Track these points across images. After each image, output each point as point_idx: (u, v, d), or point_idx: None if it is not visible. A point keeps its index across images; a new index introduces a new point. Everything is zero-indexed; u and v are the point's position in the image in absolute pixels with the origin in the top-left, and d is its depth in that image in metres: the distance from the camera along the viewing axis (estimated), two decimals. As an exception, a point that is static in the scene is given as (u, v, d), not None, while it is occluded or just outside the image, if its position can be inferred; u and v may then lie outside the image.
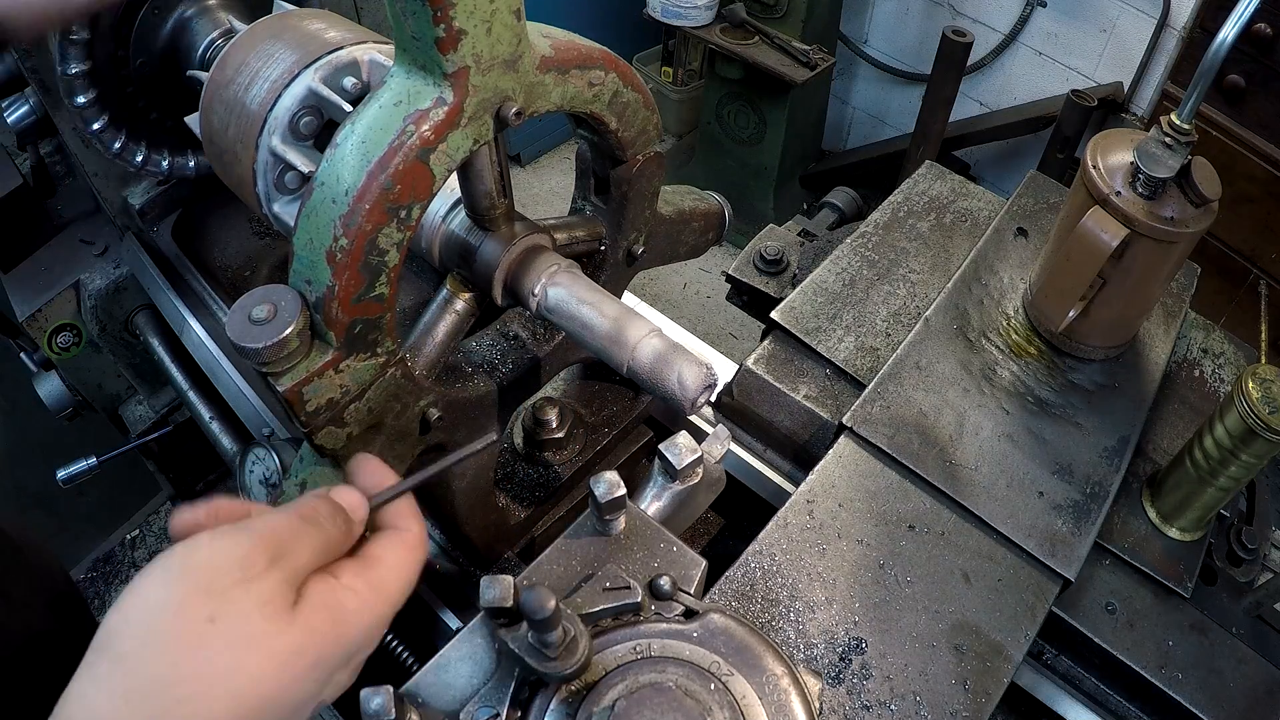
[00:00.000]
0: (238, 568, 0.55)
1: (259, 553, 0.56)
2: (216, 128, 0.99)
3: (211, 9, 1.21)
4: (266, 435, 1.38)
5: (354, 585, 0.60)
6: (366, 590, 0.61)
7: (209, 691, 0.51)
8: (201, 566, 0.55)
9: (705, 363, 0.79)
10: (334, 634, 0.58)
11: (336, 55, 0.94)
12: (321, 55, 0.94)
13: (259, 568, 0.55)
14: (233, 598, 0.54)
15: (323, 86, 0.92)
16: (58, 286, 1.66)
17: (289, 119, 0.92)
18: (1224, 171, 1.01)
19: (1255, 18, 1.50)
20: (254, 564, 0.55)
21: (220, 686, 0.52)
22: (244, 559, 0.55)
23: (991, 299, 1.21)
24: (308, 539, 0.60)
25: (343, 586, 0.60)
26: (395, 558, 0.64)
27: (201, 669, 0.52)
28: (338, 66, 0.94)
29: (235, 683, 0.52)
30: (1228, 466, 0.94)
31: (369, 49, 0.95)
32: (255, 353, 0.70)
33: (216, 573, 0.55)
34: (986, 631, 0.87)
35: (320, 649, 0.57)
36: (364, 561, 0.63)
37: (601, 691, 0.63)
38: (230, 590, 0.54)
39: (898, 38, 4.08)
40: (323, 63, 0.94)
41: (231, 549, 0.56)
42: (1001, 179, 3.96)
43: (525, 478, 1.16)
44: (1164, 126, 0.97)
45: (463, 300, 0.90)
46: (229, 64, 0.98)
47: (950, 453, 1.02)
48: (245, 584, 0.54)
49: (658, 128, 0.96)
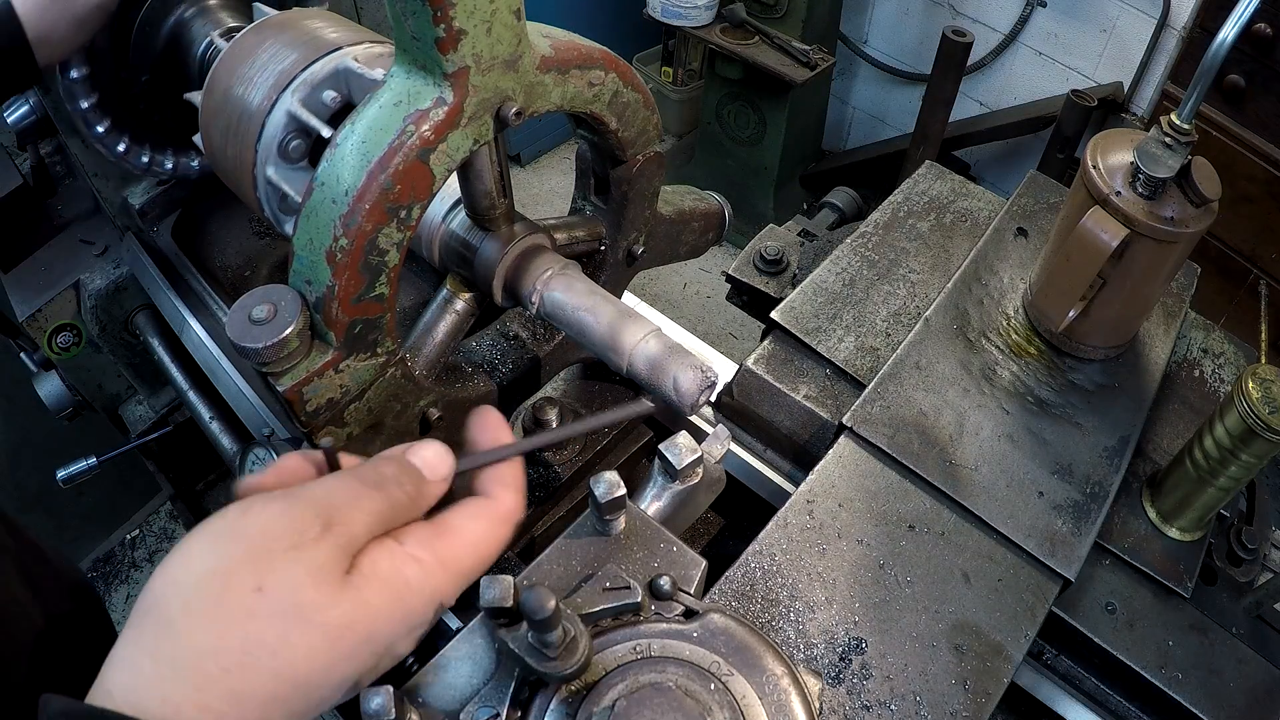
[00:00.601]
0: (289, 534, 0.52)
1: (312, 518, 0.53)
2: (217, 153, 0.99)
3: (210, 9, 1.21)
4: (266, 435, 1.38)
5: (419, 555, 0.57)
6: (432, 562, 0.57)
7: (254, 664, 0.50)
8: (252, 532, 0.53)
9: (704, 363, 0.79)
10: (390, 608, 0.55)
11: (312, 71, 0.92)
12: (298, 73, 0.92)
13: (312, 534, 0.53)
14: (282, 566, 0.51)
15: (301, 109, 0.90)
16: (58, 286, 1.65)
17: (277, 146, 0.91)
18: (1224, 171, 1.01)
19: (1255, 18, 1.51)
20: (306, 530, 0.53)
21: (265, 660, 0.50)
22: (296, 525, 0.53)
23: (991, 299, 1.21)
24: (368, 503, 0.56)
25: (406, 555, 0.56)
26: (473, 530, 0.60)
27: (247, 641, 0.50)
28: (316, 82, 0.92)
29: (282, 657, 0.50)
30: (1228, 466, 0.94)
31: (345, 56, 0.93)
32: (255, 353, 0.70)
33: (267, 539, 0.52)
34: (986, 631, 0.87)
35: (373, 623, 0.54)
36: (436, 529, 0.59)
37: (601, 691, 0.63)
38: (280, 558, 0.52)
39: (898, 38, 4.08)
40: (299, 82, 0.92)
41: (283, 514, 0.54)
42: (1001, 179, 3.96)
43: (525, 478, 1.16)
44: (1164, 126, 0.97)
45: (463, 300, 0.90)
46: (216, 89, 0.96)
47: (950, 453, 1.02)
48: (296, 551, 0.52)
49: (658, 128, 0.96)
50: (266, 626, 0.50)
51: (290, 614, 0.51)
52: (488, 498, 0.62)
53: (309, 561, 0.52)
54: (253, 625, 0.50)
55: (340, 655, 0.53)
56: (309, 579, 0.52)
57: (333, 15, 1.06)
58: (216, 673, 0.49)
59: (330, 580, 0.52)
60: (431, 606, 0.58)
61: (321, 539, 0.53)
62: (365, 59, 0.94)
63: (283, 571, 0.51)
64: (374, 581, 0.54)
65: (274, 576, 0.51)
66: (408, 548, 0.57)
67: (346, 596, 0.53)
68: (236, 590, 0.50)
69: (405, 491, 0.58)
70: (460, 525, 0.60)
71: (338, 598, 0.52)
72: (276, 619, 0.50)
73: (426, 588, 0.56)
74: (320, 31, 0.97)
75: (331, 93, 0.93)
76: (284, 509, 0.54)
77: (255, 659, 0.50)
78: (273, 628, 0.50)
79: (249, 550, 0.52)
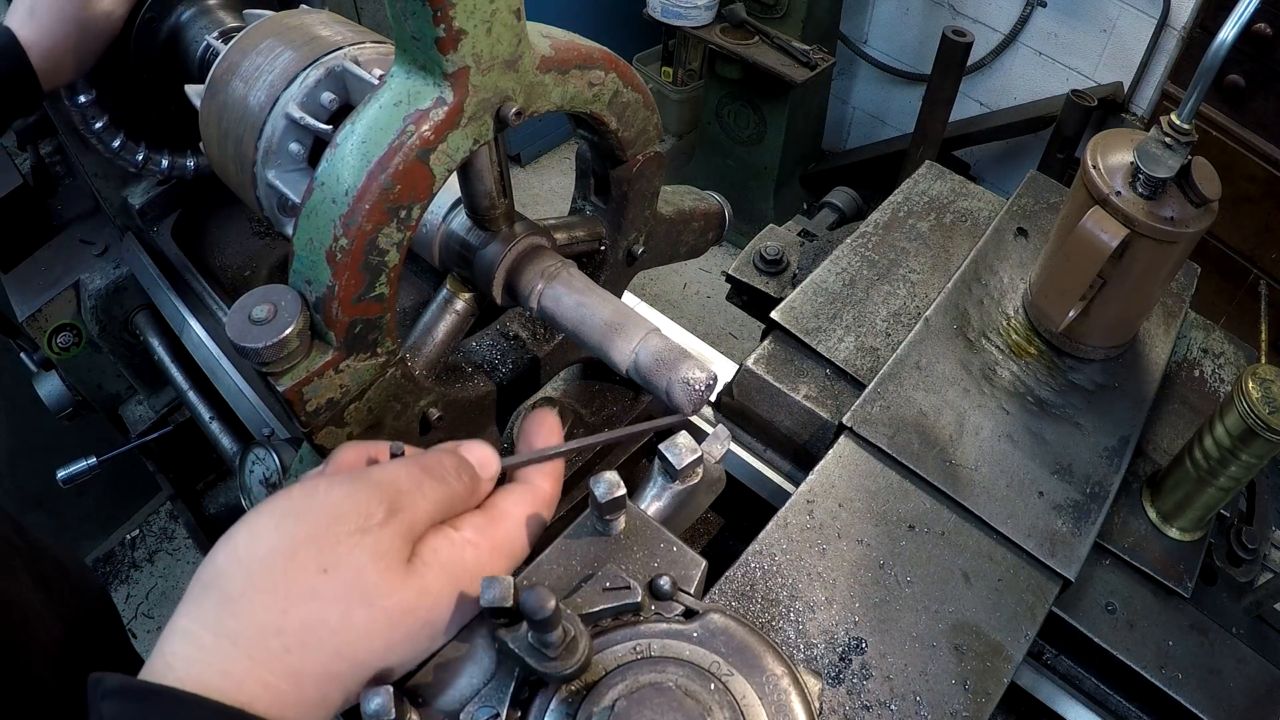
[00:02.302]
0: (355, 517, 0.53)
1: (377, 503, 0.54)
2: (218, 155, 0.99)
3: (210, 9, 1.21)
4: (266, 435, 1.38)
5: (476, 541, 0.58)
6: (487, 546, 0.58)
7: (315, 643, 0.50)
8: (318, 512, 0.53)
9: (703, 364, 0.79)
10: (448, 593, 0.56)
11: (309, 72, 0.93)
12: (296, 74, 0.92)
13: (376, 519, 0.54)
14: (347, 549, 0.52)
15: (299, 112, 0.91)
16: (58, 286, 1.66)
17: (277, 149, 0.92)
18: (1224, 171, 1.01)
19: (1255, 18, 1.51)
20: (372, 515, 0.54)
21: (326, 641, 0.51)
22: (362, 509, 0.54)
23: (991, 299, 1.21)
24: (430, 492, 0.57)
25: (464, 542, 0.58)
26: (520, 511, 0.61)
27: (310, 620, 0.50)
28: (312, 84, 0.92)
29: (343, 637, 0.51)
30: (1228, 466, 0.94)
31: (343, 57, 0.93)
32: (255, 353, 0.70)
33: (333, 521, 0.53)
34: (986, 631, 0.87)
35: (432, 609, 0.55)
36: (488, 516, 0.60)
37: (601, 691, 0.63)
38: (345, 541, 0.52)
39: (898, 38, 4.09)
40: (297, 84, 0.92)
41: (350, 497, 0.54)
42: (1001, 179, 3.96)
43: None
44: (1164, 126, 0.97)
45: (463, 300, 0.90)
46: (216, 89, 0.96)
47: (950, 453, 1.02)
48: (361, 535, 0.53)
49: (658, 128, 0.96)
50: (329, 607, 0.51)
51: (354, 596, 0.51)
52: (529, 484, 0.64)
53: (374, 546, 0.53)
54: (316, 605, 0.51)
55: (399, 639, 0.54)
56: (373, 563, 0.52)
57: (333, 15, 1.06)
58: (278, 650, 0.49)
59: (394, 566, 0.53)
60: None
61: (386, 524, 0.54)
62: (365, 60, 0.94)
63: (348, 554, 0.52)
64: (435, 568, 0.55)
65: (339, 558, 0.52)
66: (465, 534, 0.58)
67: (410, 583, 0.53)
68: (301, 570, 0.51)
69: (464, 484, 0.60)
70: (509, 510, 0.61)
71: (401, 584, 0.53)
72: (340, 601, 0.51)
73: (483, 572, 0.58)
74: (321, 31, 0.97)
75: (330, 94, 0.93)
76: (350, 492, 0.55)
77: (317, 638, 0.50)
78: (335, 609, 0.51)
79: (314, 531, 0.52)
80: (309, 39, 0.96)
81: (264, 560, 0.51)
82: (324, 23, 1.01)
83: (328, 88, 0.93)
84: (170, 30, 1.22)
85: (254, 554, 0.52)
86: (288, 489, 0.55)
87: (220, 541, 0.53)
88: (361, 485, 0.55)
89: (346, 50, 0.95)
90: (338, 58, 0.93)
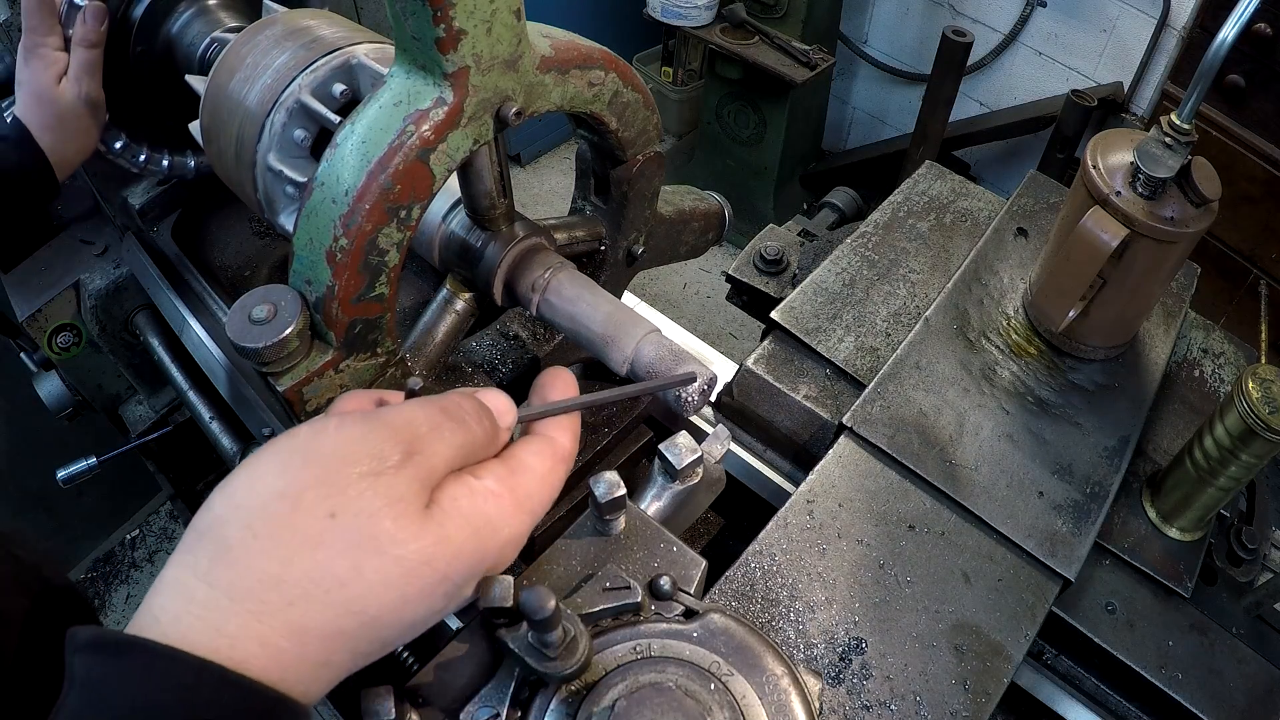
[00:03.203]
0: (367, 459, 0.48)
1: (393, 445, 0.50)
2: (216, 139, 0.99)
3: (210, 9, 1.21)
4: (266, 435, 1.38)
5: (497, 491, 0.54)
6: (510, 499, 0.54)
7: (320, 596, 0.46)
8: (326, 453, 0.49)
9: (703, 364, 0.79)
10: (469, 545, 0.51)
11: (324, 61, 0.93)
12: (308, 64, 0.92)
13: (392, 462, 0.49)
14: (358, 493, 0.48)
15: (310, 99, 0.91)
16: (58, 286, 1.65)
17: (282, 132, 0.91)
18: (1224, 171, 1.01)
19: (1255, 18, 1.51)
20: (386, 457, 0.49)
21: (335, 593, 0.46)
22: (375, 450, 0.49)
23: (991, 299, 1.21)
24: (449, 435, 0.53)
25: (485, 490, 0.53)
26: (541, 465, 0.58)
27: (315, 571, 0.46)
28: (326, 74, 0.92)
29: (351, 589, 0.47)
30: (1228, 466, 0.94)
31: (357, 51, 0.94)
32: (255, 353, 0.70)
33: (343, 463, 0.48)
34: (986, 631, 0.87)
35: (452, 561, 0.50)
36: (510, 465, 0.56)
37: (601, 691, 0.63)
38: (356, 484, 0.48)
39: (898, 38, 4.08)
40: (309, 71, 0.92)
41: (362, 438, 0.50)
42: (1001, 179, 3.96)
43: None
44: (1164, 126, 0.97)
45: (463, 300, 0.90)
46: (222, 74, 0.97)
47: (950, 453, 1.02)
48: (374, 478, 0.48)
49: (658, 128, 0.96)
50: (337, 556, 0.46)
51: (364, 544, 0.47)
52: (548, 437, 0.60)
53: (388, 490, 0.48)
54: (321, 554, 0.46)
55: (414, 593, 0.49)
56: (387, 509, 0.48)
57: (335, 16, 1.06)
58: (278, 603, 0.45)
59: (410, 512, 0.49)
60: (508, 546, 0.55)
61: (402, 467, 0.49)
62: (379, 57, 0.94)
63: (358, 499, 0.48)
64: (455, 518, 0.51)
65: (348, 503, 0.47)
66: (486, 483, 0.54)
67: (427, 531, 0.49)
68: (306, 515, 0.47)
69: (485, 429, 0.56)
70: (530, 463, 0.58)
71: (418, 531, 0.49)
72: (349, 549, 0.47)
73: (505, 526, 0.54)
74: (324, 31, 0.98)
75: (341, 85, 0.93)
76: (363, 433, 0.50)
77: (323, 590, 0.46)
78: (344, 558, 0.47)
79: (322, 473, 0.48)
80: (314, 38, 0.96)
81: (265, 505, 0.47)
82: (327, 22, 1.01)
83: (340, 79, 0.92)
84: (171, 30, 1.22)
85: (254, 499, 0.48)
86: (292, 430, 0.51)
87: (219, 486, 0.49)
88: (375, 426, 0.50)
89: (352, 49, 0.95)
90: (353, 52, 0.93)
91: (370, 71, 0.91)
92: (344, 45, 0.95)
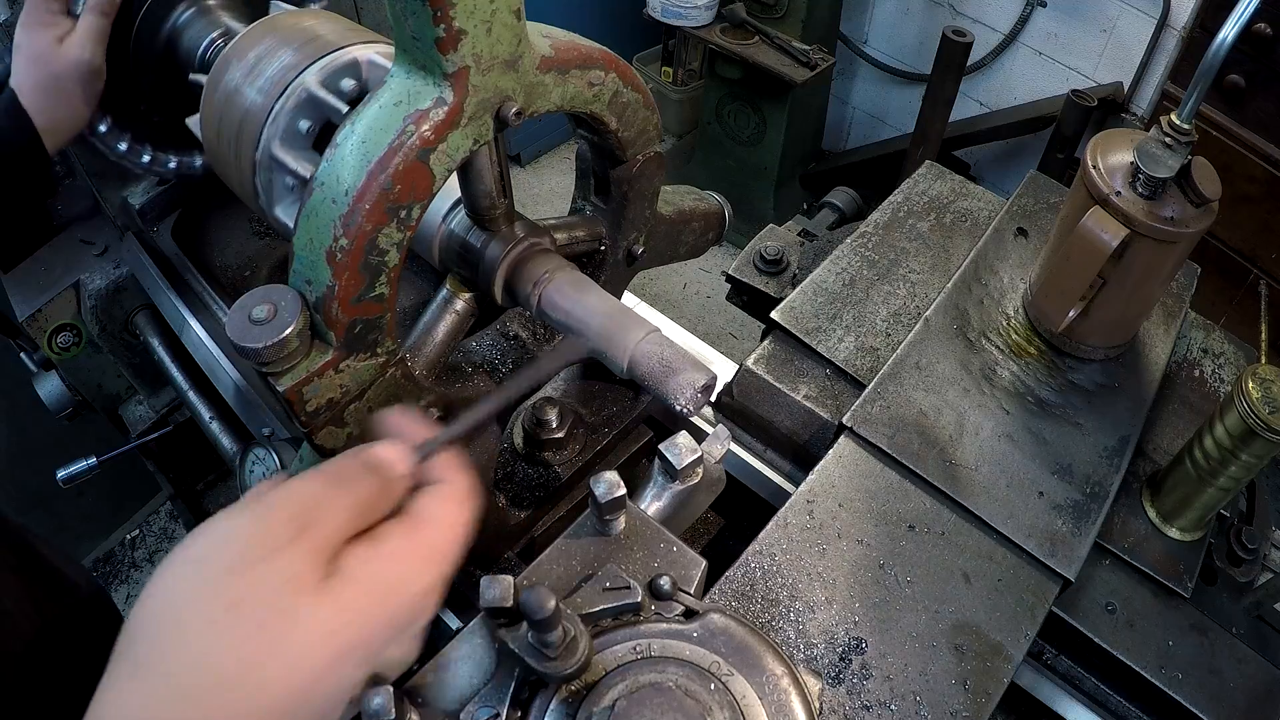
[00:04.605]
0: (261, 543, 0.50)
1: (282, 524, 0.51)
2: (216, 131, 0.99)
3: (210, 10, 1.21)
4: (266, 435, 1.38)
5: (399, 549, 0.54)
6: (414, 555, 0.55)
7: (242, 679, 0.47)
8: (219, 548, 0.51)
9: (703, 365, 0.79)
10: (375, 609, 0.52)
11: (334, 56, 0.94)
12: (319, 57, 0.93)
13: (283, 540, 0.50)
14: (257, 578, 0.49)
15: (320, 89, 0.91)
16: (58, 286, 1.65)
17: (287, 123, 0.92)
18: (1224, 171, 1.01)
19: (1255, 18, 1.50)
20: (277, 537, 0.50)
21: (249, 677, 0.48)
22: (265, 533, 0.51)
23: (991, 299, 1.21)
24: (338, 502, 0.54)
25: (387, 552, 0.54)
26: (444, 514, 0.58)
27: (231, 658, 0.48)
28: (335, 68, 0.93)
29: (270, 669, 0.48)
30: (1228, 466, 0.94)
31: (367, 49, 0.95)
32: (255, 353, 0.70)
33: (240, 552, 0.50)
34: (986, 631, 0.87)
35: (359, 628, 0.51)
36: (409, 522, 0.56)
37: (601, 691, 0.63)
38: (253, 570, 0.49)
39: (898, 38, 4.08)
40: (320, 64, 0.93)
41: (251, 524, 0.51)
42: (1001, 179, 3.96)
43: (525, 478, 1.16)
44: (1164, 126, 0.97)
45: (463, 300, 0.90)
46: (227, 66, 0.97)
47: (950, 453, 1.02)
48: (269, 561, 0.50)
49: (658, 128, 0.96)
50: (249, 640, 0.48)
51: (269, 625, 0.49)
52: (445, 482, 0.60)
53: (285, 569, 0.50)
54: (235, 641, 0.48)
55: (328, 661, 0.50)
56: (284, 587, 0.49)
57: (335, 16, 1.06)
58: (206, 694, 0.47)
59: (307, 587, 0.50)
60: (421, 601, 0.56)
61: (294, 544, 0.51)
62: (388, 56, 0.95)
63: (257, 584, 0.49)
64: (355, 584, 0.52)
65: (249, 590, 0.49)
66: (387, 546, 0.54)
67: (326, 601, 0.50)
68: (210, 610, 0.49)
69: (375, 485, 0.56)
70: (432, 513, 0.58)
71: (317, 605, 0.50)
72: (256, 634, 0.48)
73: (413, 582, 0.55)
74: (333, 30, 0.98)
75: (350, 80, 0.94)
76: (252, 518, 0.52)
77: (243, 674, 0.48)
78: (256, 641, 0.48)
79: (223, 567, 0.50)
80: (307, 39, 0.96)
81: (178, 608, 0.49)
82: (335, 22, 1.01)
83: (350, 74, 0.93)
84: (171, 30, 1.22)
85: (167, 605, 0.50)
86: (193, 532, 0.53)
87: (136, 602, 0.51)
88: (262, 508, 0.52)
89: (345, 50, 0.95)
90: (364, 50, 0.93)
91: (381, 69, 0.91)
92: (356, 43, 0.96)
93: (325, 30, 0.98)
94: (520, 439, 1.17)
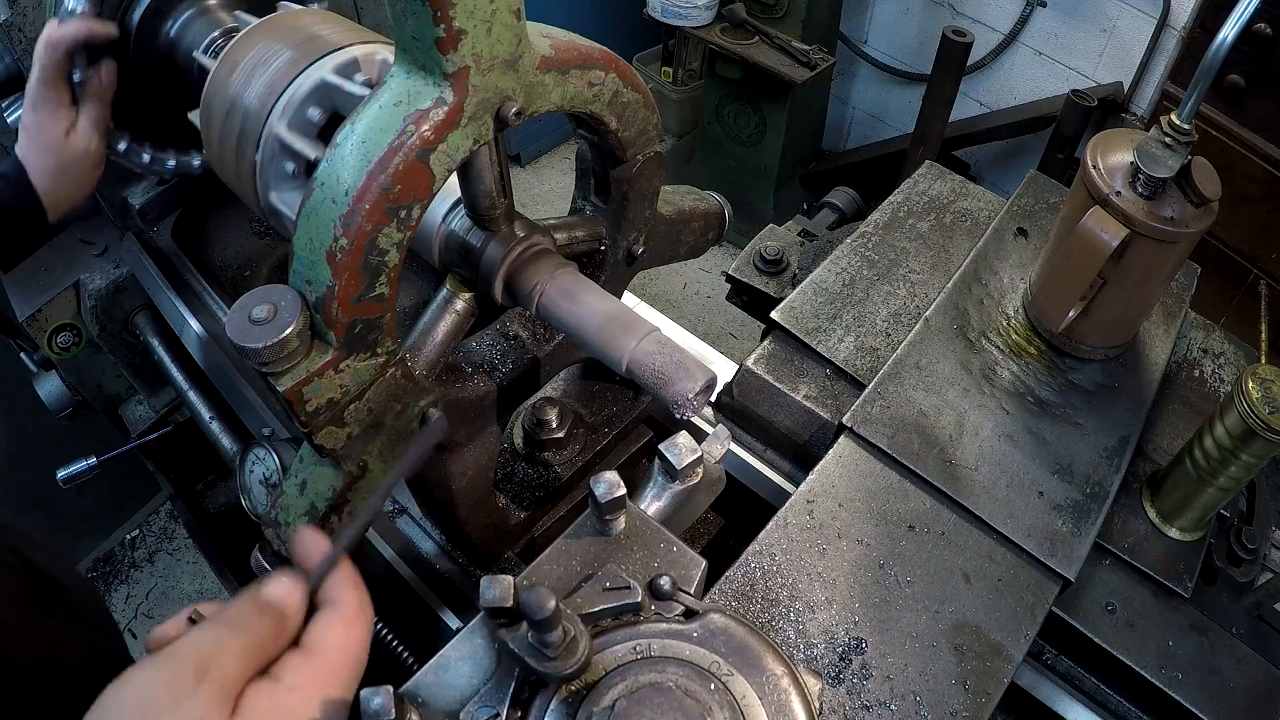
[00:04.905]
0: (165, 693, 0.53)
1: (184, 672, 0.54)
2: (219, 119, 0.99)
3: (212, 9, 1.21)
4: (266, 435, 1.38)
5: (297, 682, 0.58)
6: (312, 684, 0.58)
7: None
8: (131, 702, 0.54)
9: (703, 365, 0.79)
10: None
11: (346, 52, 0.95)
12: (331, 50, 0.94)
13: (187, 688, 0.54)
14: None
15: (335, 76, 0.92)
16: (58, 286, 1.65)
17: (297, 108, 0.92)
18: (1224, 171, 1.01)
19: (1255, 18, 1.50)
20: (181, 684, 0.54)
21: None
22: (170, 682, 0.54)
23: (991, 299, 1.21)
24: (235, 645, 0.57)
25: (284, 689, 0.58)
26: (336, 638, 0.61)
27: None
28: (299, 101, 0.94)
29: None
30: (1228, 466, 0.94)
31: (377, 48, 0.96)
32: (255, 353, 0.70)
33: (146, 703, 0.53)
34: (986, 631, 0.87)
35: None
36: (305, 653, 0.60)
37: (601, 691, 0.63)
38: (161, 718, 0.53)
39: (898, 38, 4.08)
40: (333, 56, 0.94)
41: (155, 675, 0.55)
42: (1001, 179, 3.96)
43: (525, 478, 1.16)
44: (1164, 126, 0.97)
45: (463, 300, 0.90)
46: (235, 56, 0.98)
47: (950, 453, 1.02)
48: (174, 709, 0.53)
49: (658, 128, 0.96)
50: None
51: None
52: (335, 603, 0.63)
53: (190, 714, 0.53)
54: None
55: None
56: None
57: (335, 16, 1.06)
58: None
59: None
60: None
61: (196, 691, 0.54)
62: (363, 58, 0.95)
63: None
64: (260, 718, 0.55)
65: None
66: (285, 680, 0.58)
67: None
68: None
69: (269, 625, 0.60)
70: (325, 640, 0.61)
71: None
72: None
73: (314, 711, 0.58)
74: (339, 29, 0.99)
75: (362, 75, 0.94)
76: (156, 669, 0.55)
77: None
78: None
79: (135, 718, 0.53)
80: (317, 35, 0.97)
81: None
82: (330, 23, 1.01)
83: (313, 103, 0.93)
84: (171, 31, 1.22)
85: None
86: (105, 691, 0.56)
87: None
88: (164, 661, 0.55)
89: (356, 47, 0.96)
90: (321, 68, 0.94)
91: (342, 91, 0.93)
92: (358, 42, 0.97)
93: (333, 30, 0.99)
94: (520, 439, 1.17)
